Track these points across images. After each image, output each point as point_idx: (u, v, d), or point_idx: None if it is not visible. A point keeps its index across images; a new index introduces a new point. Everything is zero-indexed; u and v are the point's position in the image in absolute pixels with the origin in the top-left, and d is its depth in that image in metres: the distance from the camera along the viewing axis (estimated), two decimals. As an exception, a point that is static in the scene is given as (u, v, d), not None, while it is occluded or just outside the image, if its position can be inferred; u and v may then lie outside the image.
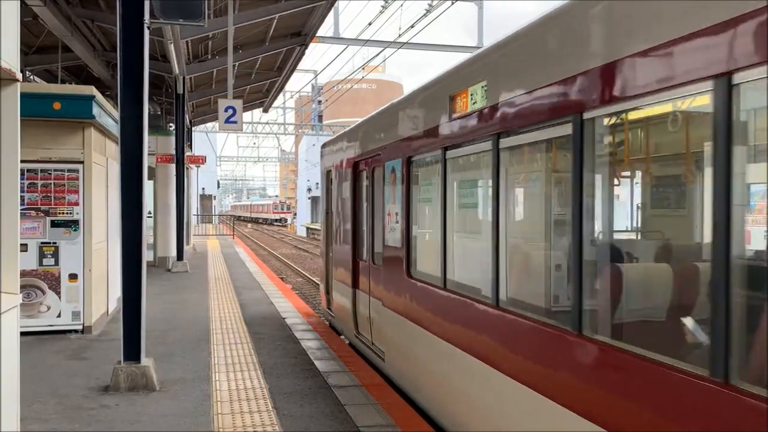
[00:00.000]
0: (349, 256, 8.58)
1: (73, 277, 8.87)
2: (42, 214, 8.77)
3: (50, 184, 8.80)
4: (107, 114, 9.48)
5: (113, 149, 10.07)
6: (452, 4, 14.45)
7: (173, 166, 18.23)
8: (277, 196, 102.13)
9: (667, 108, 3.12)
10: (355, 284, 8.39)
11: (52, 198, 8.80)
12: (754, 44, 2.46)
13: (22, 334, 4.48)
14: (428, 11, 15.27)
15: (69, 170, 8.85)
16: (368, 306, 7.75)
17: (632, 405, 3.04)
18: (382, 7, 16.46)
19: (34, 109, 7.95)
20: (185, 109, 18.36)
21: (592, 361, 3.38)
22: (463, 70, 5.16)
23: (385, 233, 7.11)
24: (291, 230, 59.19)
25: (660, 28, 2.93)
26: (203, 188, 54.83)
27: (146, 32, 6.61)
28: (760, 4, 2.43)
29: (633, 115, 3.38)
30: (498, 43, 4.58)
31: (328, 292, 10.24)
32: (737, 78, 2.54)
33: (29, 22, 11.79)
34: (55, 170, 8.82)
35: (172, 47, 13.28)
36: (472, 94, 4.76)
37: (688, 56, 2.78)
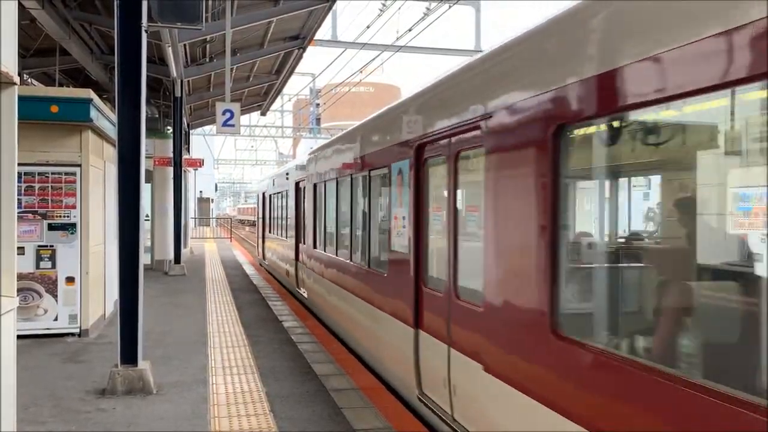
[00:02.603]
0: (262, 232, 20.82)
1: (70, 280, 8.86)
2: (39, 217, 8.76)
3: (47, 187, 8.79)
4: (105, 117, 9.47)
5: (111, 152, 10.07)
6: (450, 7, 14.48)
7: (171, 169, 18.23)
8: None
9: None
10: (263, 240, 20.42)
11: (50, 201, 8.80)
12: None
13: (19, 337, 4.47)
14: (426, 14, 15.30)
15: (66, 173, 8.85)
16: (264, 247, 19.95)
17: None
18: (380, 10, 16.49)
19: (31, 112, 7.96)
20: (183, 112, 18.37)
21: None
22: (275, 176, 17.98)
23: (267, 222, 19.06)
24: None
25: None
26: (201, 191, 54.78)
27: (144, 35, 6.62)
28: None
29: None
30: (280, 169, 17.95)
31: (256, 248, 24.07)
32: None
33: (27, 25, 11.80)
34: (52, 173, 8.81)
35: (169, 50, 13.30)
36: (275, 181, 17.70)
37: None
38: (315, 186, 10.85)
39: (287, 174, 14.71)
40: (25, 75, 15.46)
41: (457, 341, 4.86)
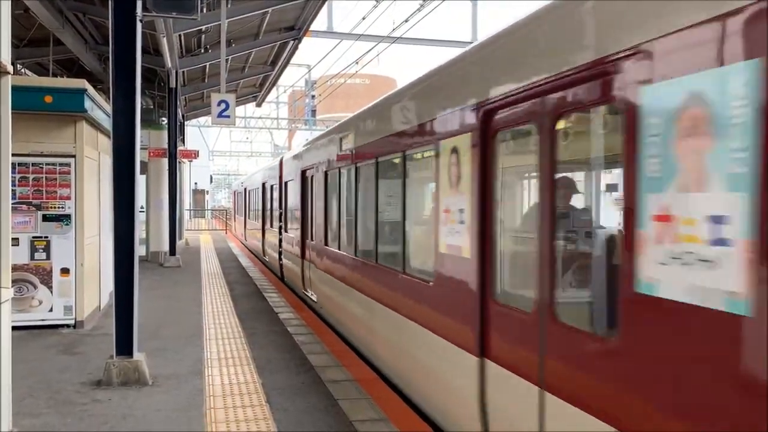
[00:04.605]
0: (234, 215, 35.03)
1: (65, 271, 8.83)
2: (33, 209, 8.73)
3: (42, 178, 8.75)
4: (99, 108, 9.42)
5: (105, 143, 10.02)
6: (445, -1, 14.38)
7: (166, 160, 18.17)
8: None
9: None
10: (234, 220, 34.75)
11: (44, 192, 8.76)
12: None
13: (14, 328, 4.47)
14: (422, 5, 15.24)
15: (61, 164, 8.80)
16: (235, 222, 34.21)
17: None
18: (376, 1, 16.41)
19: (25, 102, 7.88)
20: (178, 103, 18.29)
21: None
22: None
23: (236, 209, 33.27)
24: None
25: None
26: (196, 183, 54.61)
27: (139, 25, 6.57)
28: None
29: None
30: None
31: (232, 224, 36.90)
32: None
33: (20, 15, 11.71)
34: (46, 164, 8.77)
35: (164, 41, 13.21)
36: (241, 184, 31.25)
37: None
38: (250, 191, 22.19)
39: (242, 182, 28.42)
40: (18, 65, 15.37)
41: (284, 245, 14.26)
